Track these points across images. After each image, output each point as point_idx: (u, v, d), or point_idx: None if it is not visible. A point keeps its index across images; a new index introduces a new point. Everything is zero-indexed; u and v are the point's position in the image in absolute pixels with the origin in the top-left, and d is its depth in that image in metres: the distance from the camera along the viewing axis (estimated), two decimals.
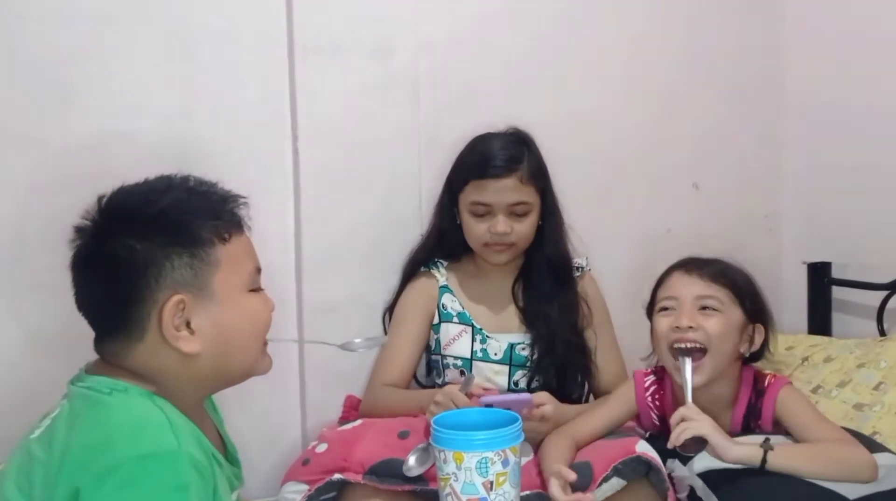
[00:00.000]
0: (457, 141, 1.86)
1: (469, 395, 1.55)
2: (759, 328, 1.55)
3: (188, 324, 1.06)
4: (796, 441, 1.48)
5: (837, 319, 2.31)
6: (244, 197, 1.16)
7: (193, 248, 1.06)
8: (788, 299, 2.41)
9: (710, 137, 2.31)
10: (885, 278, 2.13)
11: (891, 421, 1.72)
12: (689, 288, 1.53)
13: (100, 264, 1.07)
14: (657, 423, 1.63)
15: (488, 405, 1.50)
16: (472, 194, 1.77)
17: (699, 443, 1.41)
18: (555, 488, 1.35)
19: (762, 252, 2.42)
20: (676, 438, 1.40)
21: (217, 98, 1.76)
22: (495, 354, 1.82)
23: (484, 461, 1.10)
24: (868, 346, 1.98)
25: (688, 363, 1.47)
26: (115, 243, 1.05)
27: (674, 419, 1.42)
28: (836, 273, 2.30)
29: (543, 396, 1.61)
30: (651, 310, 1.60)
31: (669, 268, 1.60)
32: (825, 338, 2.18)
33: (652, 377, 1.64)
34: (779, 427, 1.53)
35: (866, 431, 1.68)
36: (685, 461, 1.49)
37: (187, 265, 1.06)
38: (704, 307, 1.50)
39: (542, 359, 1.80)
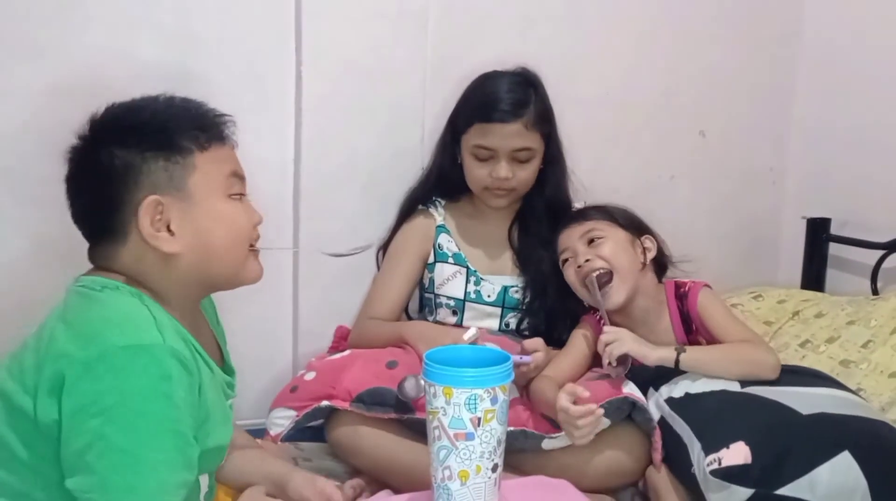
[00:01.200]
0: (463, 74, 1.82)
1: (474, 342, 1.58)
2: (649, 238, 1.73)
3: (168, 227, 1.10)
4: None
5: (832, 275, 2.31)
6: (230, 115, 1.19)
7: (169, 152, 1.11)
8: (785, 252, 2.41)
9: (721, 84, 2.27)
10: (883, 238, 2.13)
11: (876, 379, 1.74)
12: (573, 234, 1.71)
13: (86, 173, 1.13)
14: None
15: None
16: (476, 136, 1.74)
17: (624, 363, 1.55)
18: (564, 400, 1.42)
19: (763, 204, 2.41)
20: (606, 362, 1.55)
21: (219, 14, 1.71)
22: (488, 296, 1.82)
23: (473, 397, 1.11)
24: (860, 304, 1.99)
25: (595, 286, 1.62)
26: (100, 151, 1.10)
27: (599, 346, 1.57)
28: (834, 230, 2.29)
29: (538, 343, 1.62)
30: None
31: (555, 233, 1.76)
32: (818, 294, 2.19)
33: (599, 314, 1.69)
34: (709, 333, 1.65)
35: (851, 387, 1.70)
36: (657, 385, 1.58)
37: (162, 169, 1.10)
38: (591, 240, 1.67)
39: (534, 302, 1.81)
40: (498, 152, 1.73)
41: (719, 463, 1.35)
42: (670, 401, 1.53)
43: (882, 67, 2.16)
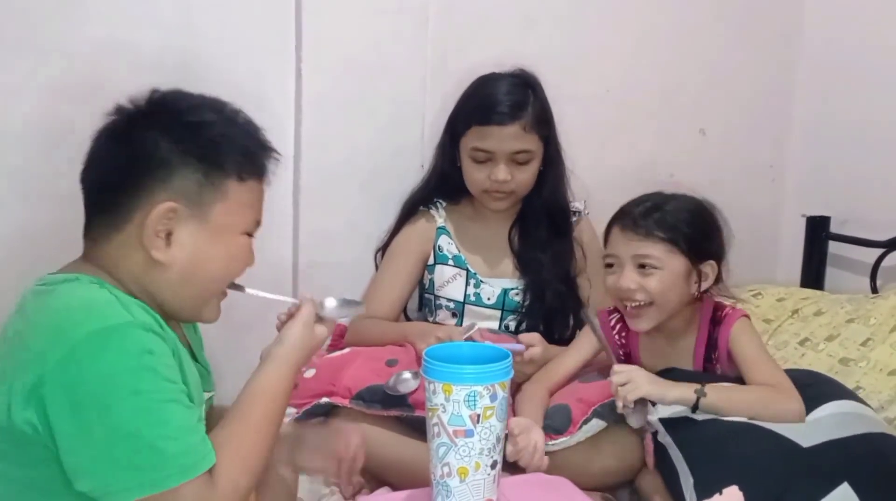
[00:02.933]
0: (464, 71, 1.82)
1: (470, 340, 1.57)
2: (710, 264, 1.53)
3: (169, 235, 1.07)
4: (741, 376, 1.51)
5: (831, 274, 2.32)
6: (279, 154, 1.18)
7: (210, 168, 1.08)
8: (784, 250, 2.41)
9: (721, 82, 2.27)
10: (883, 236, 2.13)
11: (875, 378, 1.75)
12: (626, 247, 1.51)
13: (123, 143, 1.08)
14: (622, 358, 1.64)
15: None
16: (474, 139, 1.73)
17: (643, 404, 1.45)
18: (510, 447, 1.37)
19: (763, 202, 2.41)
20: (620, 406, 1.42)
21: (220, 10, 1.71)
22: (488, 298, 1.83)
23: (472, 394, 1.11)
24: (859, 302, 1.99)
25: (597, 324, 1.54)
26: (146, 131, 1.07)
27: (611, 387, 1.43)
28: (834, 228, 2.30)
29: (534, 338, 1.63)
30: None
31: (611, 220, 1.57)
32: (817, 292, 2.19)
33: (616, 315, 1.64)
34: (733, 363, 1.54)
35: (850, 386, 1.70)
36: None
37: (196, 182, 1.07)
38: (643, 266, 1.49)
39: (533, 305, 1.81)
40: (496, 155, 1.72)
41: None
42: (665, 421, 1.45)
43: (882, 65, 2.16)
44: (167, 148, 1.06)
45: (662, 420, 1.46)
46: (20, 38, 1.57)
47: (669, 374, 1.51)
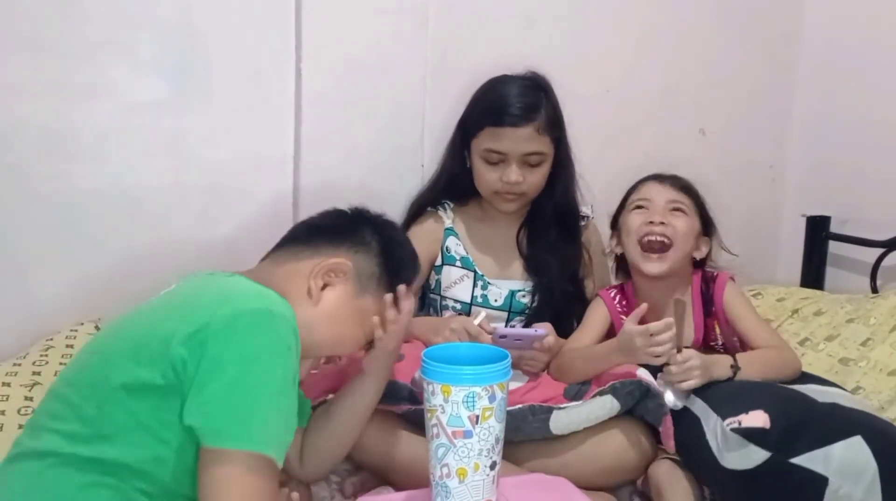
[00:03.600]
0: (464, 71, 1.82)
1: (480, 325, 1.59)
2: (707, 241, 1.75)
3: (325, 286, 1.25)
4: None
5: (831, 273, 2.32)
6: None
7: (384, 278, 1.32)
8: (784, 250, 2.41)
9: (721, 82, 2.27)
10: (883, 236, 2.13)
11: (875, 377, 1.75)
12: (662, 193, 1.71)
13: (350, 218, 1.36)
14: None
15: (502, 336, 1.58)
16: (487, 141, 1.73)
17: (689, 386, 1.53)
18: (632, 322, 1.50)
19: (763, 202, 2.41)
20: (669, 400, 1.52)
21: (219, 10, 1.71)
22: (495, 300, 1.82)
23: (471, 395, 1.11)
24: (859, 302, 1.99)
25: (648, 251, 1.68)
26: (366, 224, 1.34)
27: (668, 377, 1.52)
28: (834, 228, 2.30)
29: (548, 327, 1.65)
30: (619, 213, 1.77)
31: (642, 179, 1.77)
32: (817, 292, 2.19)
33: (614, 290, 1.79)
34: (728, 323, 1.70)
35: (850, 386, 1.71)
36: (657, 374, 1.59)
37: (373, 273, 1.30)
38: (675, 209, 1.69)
39: (541, 307, 1.81)
40: (509, 156, 1.72)
41: (739, 424, 1.36)
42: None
43: (882, 65, 2.16)
44: (375, 241, 1.32)
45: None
46: (20, 38, 1.57)
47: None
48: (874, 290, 2.14)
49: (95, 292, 1.67)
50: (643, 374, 1.55)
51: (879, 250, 2.14)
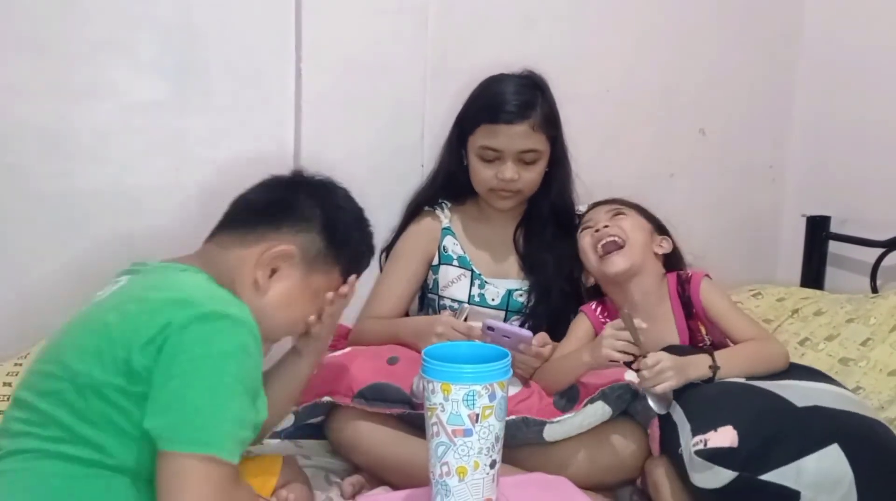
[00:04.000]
0: (464, 71, 1.82)
1: (465, 320, 1.60)
2: (665, 239, 1.77)
3: (274, 271, 1.25)
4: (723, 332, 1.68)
5: (831, 273, 2.31)
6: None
7: (333, 248, 1.29)
8: (784, 250, 2.41)
9: (721, 82, 2.27)
10: (883, 236, 2.13)
11: (875, 377, 1.75)
12: (601, 210, 1.77)
13: (288, 190, 1.32)
14: None
15: (490, 328, 1.57)
16: (482, 138, 1.73)
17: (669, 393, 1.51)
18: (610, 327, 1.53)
19: (763, 202, 2.41)
20: (658, 396, 1.49)
21: (219, 10, 1.71)
22: (493, 299, 1.82)
23: (471, 393, 1.11)
24: (859, 302, 1.99)
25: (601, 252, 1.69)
26: (309, 195, 1.31)
27: (642, 382, 1.50)
28: (834, 228, 2.30)
29: (546, 338, 1.64)
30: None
31: (587, 211, 1.82)
32: (817, 292, 2.19)
33: (595, 304, 1.78)
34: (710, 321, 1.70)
35: (850, 386, 1.70)
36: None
37: (317, 249, 1.28)
38: (616, 214, 1.74)
39: (538, 306, 1.81)
40: (504, 154, 1.72)
41: (705, 444, 1.35)
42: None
43: (882, 65, 2.16)
44: (318, 214, 1.29)
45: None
46: (20, 38, 1.57)
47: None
48: (874, 290, 2.14)
49: (96, 292, 1.67)
50: (631, 377, 1.54)
51: (879, 250, 2.14)
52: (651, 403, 1.50)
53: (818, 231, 2.30)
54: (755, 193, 2.38)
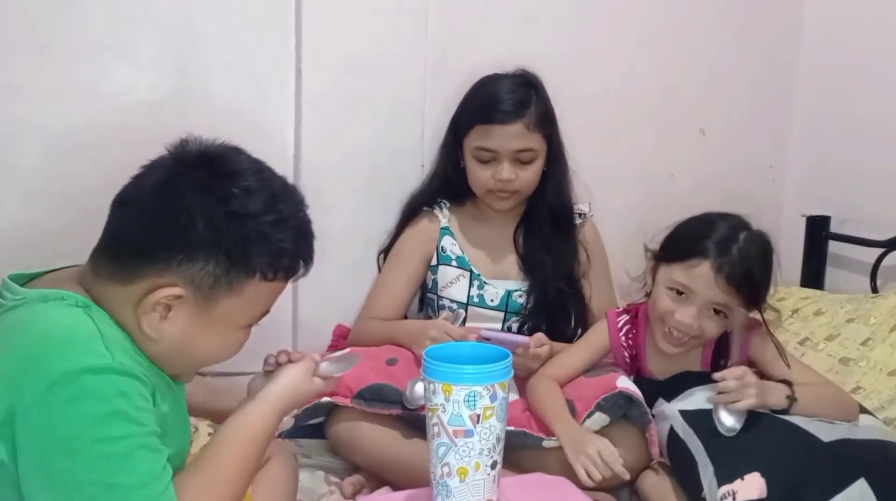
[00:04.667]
0: (464, 71, 1.82)
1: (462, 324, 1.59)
2: (746, 314, 1.56)
3: (168, 308, 1.01)
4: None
5: (831, 273, 2.31)
6: (314, 259, 1.12)
7: (233, 268, 1.01)
8: (784, 250, 2.39)
9: (721, 82, 2.27)
10: (883, 236, 2.12)
11: (875, 377, 1.75)
12: (710, 291, 1.49)
13: (160, 204, 1.01)
14: (628, 361, 1.67)
15: (485, 339, 1.54)
16: (477, 139, 1.73)
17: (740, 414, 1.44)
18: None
19: (763, 202, 2.40)
20: (729, 425, 1.41)
21: (219, 10, 1.71)
22: (492, 300, 1.82)
23: (472, 394, 1.11)
24: (859, 302, 1.99)
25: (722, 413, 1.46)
26: (188, 201, 1.00)
27: (719, 398, 1.44)
28: (834, 227, 2.29)
29: (542, 338, 1.64)
30: (659, 262, 1.57)
31: (698, 247, 1.51)
32: (817, 291, 2.19)
33: (625, 317, 1.67)
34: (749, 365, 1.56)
35: (850, 386, 1.71)
36: (670, 397, 1.53)
37: (213, 276, 1.01)
38: (716, 311, 1.51)
39: (536, 307, 1.81)
40: (500, 154, 1.72)
41: (733, 497, 1.31)
42: (684, 414, 1.48)
43: (882, 65, 2.16)
44: (199, 232, 0.99)
45: (684, 413, 1.48)
46: (20, 38, 1.57)
47: (683, 377, 1.55)
48: (874, 290, 2.14)
49: None
50: (622, 383, 1.55)
51: (879, 250, 2.14)
52: (727, 419, 1.42)
53: (818, 231, 2.30)
54: (755, 192, 2.37)
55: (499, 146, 1.71)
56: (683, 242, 1.55)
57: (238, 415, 1.09)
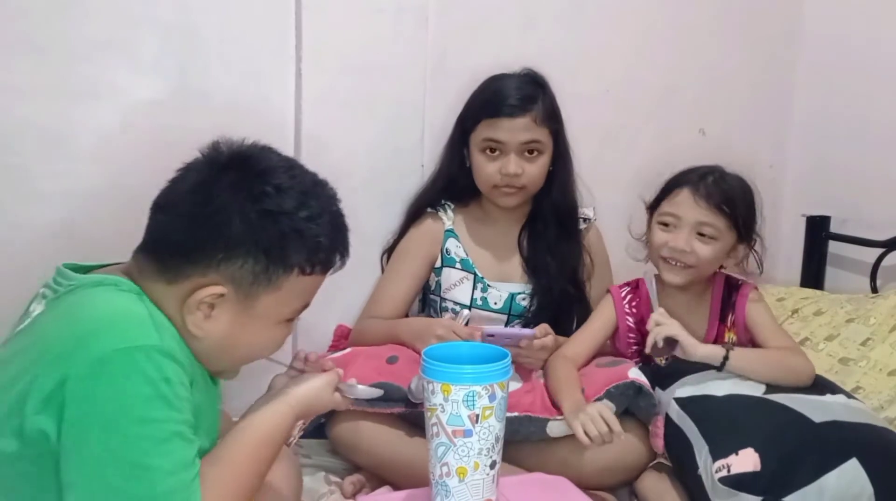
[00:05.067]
0: (464, 70, 1.82)
1: (466, 324, 1.60)
2: (744, 247, 1.66)
3: (211, 306, 1.05)
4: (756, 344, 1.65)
5: (831, 273, 2.32)
6: (348, 253, 1.15)
7: (271, 264, 1.05)
8: (784, 250, 2.41)
9: (721, 82, 2.27)
10: (883, 236, 2.13)
11: (875, 377, 1.75)
12: (692, 212, 1.60)
13: (199, 205, 1.05)
14: (633, 326, 1.71)
15: (490, 335, 1.57)
16: (485, 131, 1.73)
17: (670, 346, 1.56)
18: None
19: (763, 202, 2.40)
20: (651, 341, 1.55)
21: (219, 10, 1.71)
22: (495, 303, 1.82)
23: (471, 394, 1.12)
24: (859, 302, 1.99)
25: (653, 282, 1.66)
26: (225, 202, 1.03)
27: (648, 325, 1.57)
28: (834, 228, 2.30)
29: (547, 329, 1.65)
30: (652, 210, 1.69)
31: (678, 180, 1.66)
32: (817, 292, 2.19)
33: (626, 288, 1.74)
34: (746, 332, 1.67)
35: (850, 386, 1.71)
36: (664, 386, 1.56)
37: (253, 273, 1.05)
38: (702, 233, 1.60)
39: (540, 310, 1.81)
40: (507, 146, 1.72)
41: (728, 470, 1.34)
42: (679, 400, 1.51)
43: (882, 64, 2.16)
44: (236, 231, 1.03)
45: (678, 400, 1.50)
46: (20, 38, 1.57)
47: (678, 366, 1.58)
48: (874, 290, 2.14)
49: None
50: (634, 374, 1.56)
51: (879, 250, 2.14)
52: (656, 353, 1.56)
53: (818, 231, 2.30)
54: (755, 193, 2.37)
55: (506, 139, 1.71)
56: (667, 185, 1.68)
57: (256, 416, 1.12)
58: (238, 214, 1.03)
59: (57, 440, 0.93)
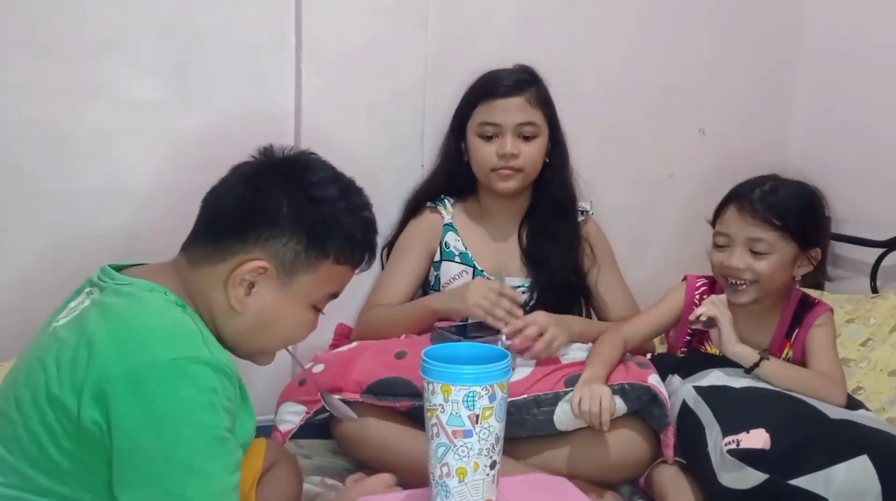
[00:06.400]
0: (463, 69, 1.82)
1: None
2: (814, 250, 1.60)
3: (251, 285, 1.12)
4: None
5: (831, 273, 2.30)
6: (374, 259, 1.24)
7: (312, 245, 1.14)
8: None
9: (721, 81, 2.27)
10: (883, 236, 2.13)
11: (876, 378, 1.75)
12: (741, 229, 1.57)
13: (250, 189, 1.15)
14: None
15: (458, 338, 1.57)
16: (481, 114, 1.75)
17: (709, 326, 1.55)
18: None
19: None
20: (698, 312, 1.54)
21: (220, 10, 1.71)
22: None
23: (471, 394, 1.12)
24: (859, 302, 1.99)
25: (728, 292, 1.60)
26: (273, 188, 1.14)
27: (706, 301, 1.56)
28: (834, 228, 2.29)
29: (539, 315, 1.62)
30: (712, 223, 1.66)
31: (728, 196, 1.63)
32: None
33: (703, 280, 1.71)
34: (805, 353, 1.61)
35: (850, 387, 1.70)
36: (685, 375, 1.56)
37: (293, 252, 1.13)
38: (754, 250, 1.56)
39: (539, 303, 1.80)
40: (503, 128, 1.73)
41: (737, 444, 1.35)
42: (698, 388, 1.51)
43: (882, 64, 2.16)
44: (285, 212, 1.13)
45: (697, 387, 1.51)
46: (21, 38, 1.57)
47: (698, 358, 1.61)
48: (874, 290, 2.14)
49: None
50: (653, 380, 1.55)
51: (879, 250, 2.14)
52: (695, 324, 1.57)
53: None
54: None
55: (502, 119, 1.73)
56: (721, 202, 1.64)
57: None
58: (287, 197, 1.13)
59: (108, 433, 0.97)
